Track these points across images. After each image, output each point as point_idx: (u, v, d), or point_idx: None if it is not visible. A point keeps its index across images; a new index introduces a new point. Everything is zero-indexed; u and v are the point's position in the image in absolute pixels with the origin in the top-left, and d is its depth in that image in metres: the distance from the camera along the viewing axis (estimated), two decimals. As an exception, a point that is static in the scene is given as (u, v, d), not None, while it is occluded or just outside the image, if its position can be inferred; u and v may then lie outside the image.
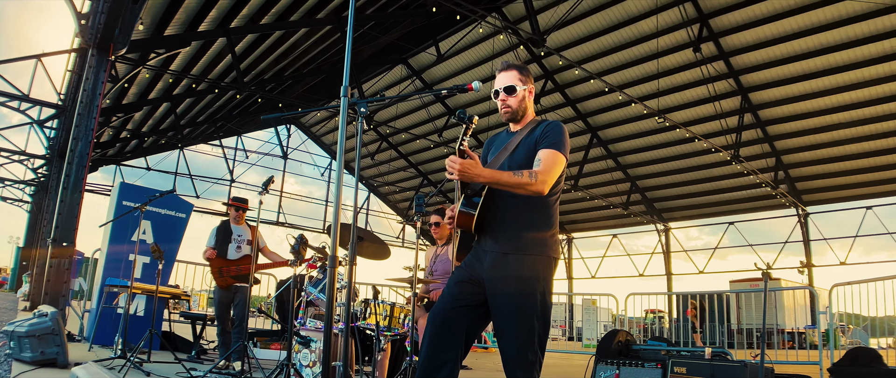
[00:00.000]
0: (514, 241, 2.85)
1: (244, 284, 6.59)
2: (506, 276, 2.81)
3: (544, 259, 2.85)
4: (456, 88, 3.02)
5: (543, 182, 2.77)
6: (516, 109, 3.06)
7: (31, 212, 29.00)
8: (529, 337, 2.76)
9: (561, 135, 2.91)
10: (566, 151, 2.90)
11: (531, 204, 2.88)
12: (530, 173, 2.74)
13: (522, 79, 3.06)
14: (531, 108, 3.12)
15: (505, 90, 3.07)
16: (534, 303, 2.78)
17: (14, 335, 5.11)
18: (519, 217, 2.89)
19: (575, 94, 20.67)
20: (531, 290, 2.79)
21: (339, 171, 2.43)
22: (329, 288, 2.65)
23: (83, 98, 8.07)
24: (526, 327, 2.76)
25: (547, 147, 2.87)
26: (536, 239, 2.86)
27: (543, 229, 2.89)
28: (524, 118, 3.10)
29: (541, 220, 2.89)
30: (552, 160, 2.83)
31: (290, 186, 29.33)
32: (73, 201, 7.81)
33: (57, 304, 7.43)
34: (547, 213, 2.92)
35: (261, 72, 18.24)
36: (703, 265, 24.84)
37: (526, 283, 2.79)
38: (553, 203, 2.95)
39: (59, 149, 16.99)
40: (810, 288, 12.27)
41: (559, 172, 2.87)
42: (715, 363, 4.24)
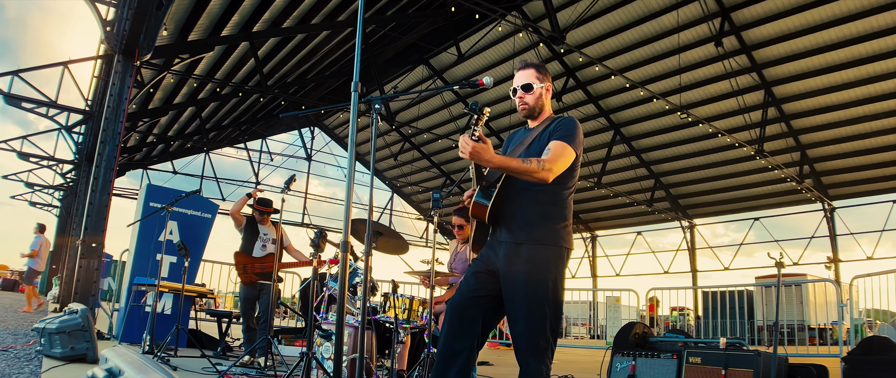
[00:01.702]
0: (527, 232, 2.94)
1: (268, 282, 6.71)
2: (518, 265, 2.89)
3: (556, 249, 2.92)
4: (467, 84, 3.11)
5: (549, 170, 2.84)
6: (533, 106, 3.17)
7: (61, 216, 29.62)
8: (541, 324, 2.83)
9: (572, 129, 3.00)
10: (576, 145, 2.97)
11: (545, 196, 2.96)
12: (538, 160, 2.83)
13: (539, 77, 3.15)
14: (548, 105, 3.22)
15: (522, 88, 3.16)
16: (545, 291, 2.86)
17: (45, 332, 5.26)
18: (532, 208, 2.97)
19: (597, 91, 20.60)
20: (542, 279, 2.86)
21: (351, 160, 2.50)
22: (341, 273, 2.73)
23: (110, 103, 8.26)
24: (538, 315, 2.84)
25: (557, 139, 2.95)
26: (549, 230, 2.94)
27: (556, 220, 2.97)
28: (541, 115, 3.20)
29: (554, 212, 2.97)
30: (559, 151, 2.91)
31: (313, 188, 29.63)
32: (102, 203, 8.01)
33: (86, 303, 7.62)
34: (560, 204, 3.00)
35: (284, 75, 18.47)
36: (729, 262, 24.57)
37: (538, 272, 2.87)
38: (566, 195, 3.03)
39: (87, 153, 17.34)
40: (831, 280, 12.09)
41: (566, 163, 2.93)
42: (729, 353, 4.26)
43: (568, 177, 3.01)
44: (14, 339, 6.76)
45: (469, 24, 17.99)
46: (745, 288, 13.74)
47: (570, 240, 3.03)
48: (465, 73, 21.94)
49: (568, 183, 3.03)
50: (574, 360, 11.78)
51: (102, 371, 1.88)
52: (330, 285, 5.24)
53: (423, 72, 22.25)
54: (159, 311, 7.27)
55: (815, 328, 17.06)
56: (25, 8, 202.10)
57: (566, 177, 3.00)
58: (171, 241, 7.77)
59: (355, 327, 4.58)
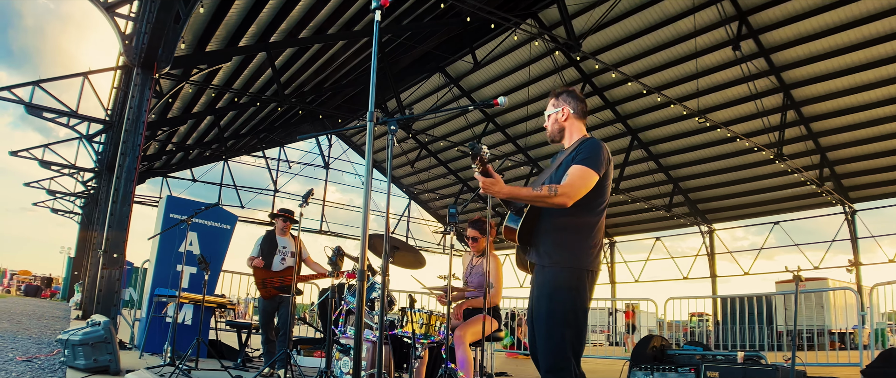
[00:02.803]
0: (550, 254, 3.03)
1: (287, 294, 6.75)
2: (541, 287, 3.02)
3: (577, 272, 2.98)
4: (483, 103, 3.14)
5: (564, 195, 2.91)
6: (552, 131, 3.35)
7: (82, 223, 30.02)
8: (560, 344, 2.91)
9: (592, 151, 3.05)
10: (597, 166, 3.00)
11: (569, 219, 3.02)
12: (550, 188, 2.91)
13: (554, 103, 3.33)
14: (573, 128, 3.31)
15: (546, 116, 3.38)
16: (563, 311, 2.93)
17: (68, 343, 5.34)
18: (555, 231, 3.05)
19: (614, 97, 20.53)
20: (561, 299, 2.94)
21: (367, 187, 2.52)
22: (358, 292, 2.76)
23: (130, 115, 8.38)
24: (557, 334, 2.92)
25: (578, 162, 3.03)
26: (572, 252, 3.00)
27: (580, 243, 3.02)
28: (568, 138, 3.31)
29: (578, 234, 3.03)
30: (577, 174, 2.97)
31: (331, 195, 29.76)
32: (123, 214, 8.12)
33: (108, 314, 7.72)
34: (586, 227, 3.05)
35: (301, 84, 18.60)
36: (748, 266, 24.33)
37: (557, 293, 2.95)
38: (593, 218, 3.08)
39: (108, 162, 17.58)
40: (850, 288, 11.94)
41: (584, 186, 2.97)
42: (747, 367, 4.22)
43: (593, 199, 3.05)
44: (38, 349, 6.86)
45: (484, 31, 18.01)
46: (764, 295, 13.58)
47: (594, 261, 3.06)
48: (481, 81, 21.98)
49: (593, 205, 3.07)
50: (592, 369, 11.70)
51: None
52: (348, 299, 5.27)
53: (440, 79, 22.32)
54: (180, 321, 7.35)
55: (836, 333, 16.83)
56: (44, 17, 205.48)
57: (591, 199, 3.03)
58: (192, 252, 7.86)
59: (373, 342, 4.61)
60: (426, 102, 23.75)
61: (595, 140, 3.13)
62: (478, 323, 5.06)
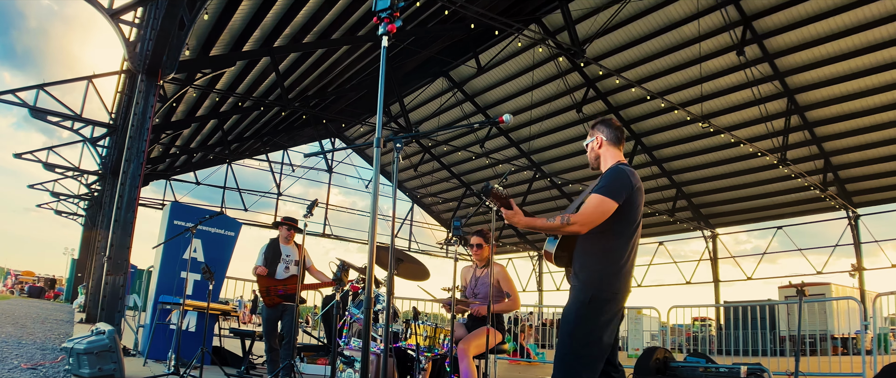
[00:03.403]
0: (577, 276, 3.18)
1: (291, 303, 6.75)
2: (566, 307, 3.18)
3: (597, 292, 3.08)
4: (488, 122, 3.17)
5: (576, 224, 3.03)
6: (591, 161, 3.48)
7: (85, 225, 30.07)
8: (564, 363, 3.01)
9: (609, 179, 3.16)
10: (613, 193, 3.08)
11: (594, 244, 3.15)
12: (562, 217, 3.03)
13: (590, 133, 3.47)
14: (609, 155, 3.40)
15: (585, 147, 3.52)
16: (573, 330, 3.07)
17: (73, 352, 5.36)
18: (582, 255, 3.21)
19: (617, 102, 20.52)
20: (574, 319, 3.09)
21: (373, 216, 2.53)
22: (365, 310, 2.77)
23: (134, 122, 8.39)
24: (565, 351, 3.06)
25: (594, 191, 3.13)
26: (595, 276, 3.12)
27: (604, 268, 3.12)
28: (604, 165, 3.39)
29: (602, 259, 3.13)
30: (592, 203, 3.08)
31: (334, 197, 29.78)
32: (127, 220, 8.14)
33: (113, 321, 7.73)
34: (611, 252, 3.14)
35: (304, 88, 18.63)
36: (752, 271, 24.30)
37: (574, 314, 3.11)
38: (618, 243, 3.15)
39: (112, 166, 17.61)
40: (853, 298, 11.94)
41: (598, 213, 3.05)
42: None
43: (614, 225, 3.11)
44: (42, 355, 6.87)
45: (488, 36, 18.03)
46: (767, 305, 13.55)
47: (616, 286, 3.12)
48: (485, 85, 21.98)
49: (616, 230, 3.13)
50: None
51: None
52: (352, 311, 5.27)
53: (443, 83, 22.32)
54: (184, 327, 7.34)
55: (838, 338, 16.79)
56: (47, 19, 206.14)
57: (612, 225, 3.11)
58: (196, 259, 7.87)
59: (377, 355, 4.61)
60: (430, 106, 23.76)
61: (618, 168, 3.22)
62: (482, 336, 5.05)
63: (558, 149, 23.96)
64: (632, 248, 3.20)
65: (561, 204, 27.06)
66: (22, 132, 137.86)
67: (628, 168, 3.24)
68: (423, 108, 24.10)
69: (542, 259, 32.71)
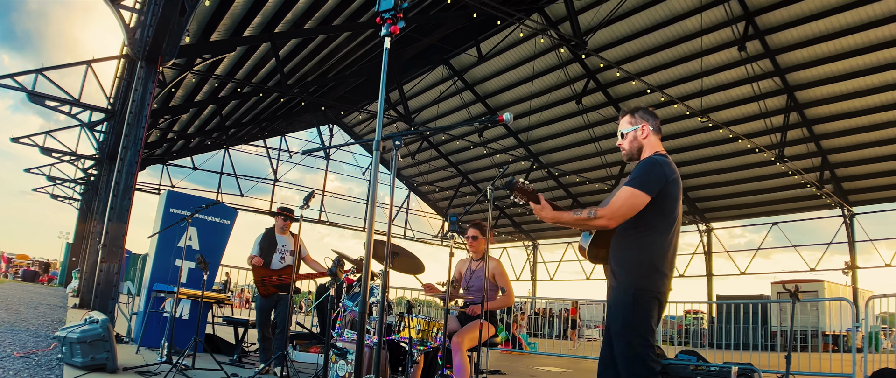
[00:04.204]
0: (615, 275, 3.06)
1: (286, 293, 6.75)
2: (611, 311, 3.07)
3: (639, 292, 2.96)
4: (488, 121, 3.11)
5: (604, 217, 2.93)
6: (629, 150, 3.25)
7: (81, 209, 30.03)
8: (632, 358, 2.91)
9: (642, 171, 3.02)
10: (645, 186, 2.94)
11: (629, 239, 3.03)
12: (589, 211, 2.96)
13: (632, 121, 3.24)
14: (650, 146, 3.21)
15: (620, 135, 3.30)
16: (631, 337, 2.93)
17: (66, 341, 5.34)
18: (619, 251, 3.08)
19: (617, 94, 20.48)
20: (628, 325, 2.95)
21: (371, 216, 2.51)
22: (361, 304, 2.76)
23: (132, 108, 8.35)
24: (631, 354, 2.92)
25: (626, 183, 2.99)
26: (634, 273, 2.99)
27: (641, 263, 2.99)
28: (643, 155, 3.22)
29: (639, 254, 3.00)
30: (622, 196, 2.96)
31: (330, 184, 29.74)
32: (123, 207, 8.12)
33: (106, 308, 7.73)
34: (647, 247, 3.00)
35: (304, 74, 18.54)
36: (745, 266, 24.38)
37: (624, 319, 2.96)
38: (654, 237, 3.01)
39: (109, 152, 17.55)
40: (847, 299, 12.00)
41: (629, 206, 2.93)
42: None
43: (651, 218, 2.99)
44: (35, 343, 6.87)
45: (490, 25, 17.95)
46: (759, 302, 13.61)
47: (657, 283, 2.99)
48: (485, 74, 21.92)
49: (653, 224, 3.00)
50: (588, 368, 11.75)
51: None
52: (345, 304, 5.27)
53: (444, 72, 22.25)
54: (177, 315, 7.34)
55: (830, 335, 16.87)
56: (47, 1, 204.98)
57: (650, 218, 2.98)
58: (191, 247, 7.85)
59: (370, 347, 4.61)
60: (430, 94, 23.68)
61: (652, 159, 3.07)
62: (475, 329, 5.06)
63: (557, 140, 23.94)
64: (671, 242, 3.04)
65: (557, 195, 27.06)
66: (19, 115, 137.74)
67: (665, 159, 3.08)
68: (422, 96, 24.04)
69: (536, 249, 32.97)
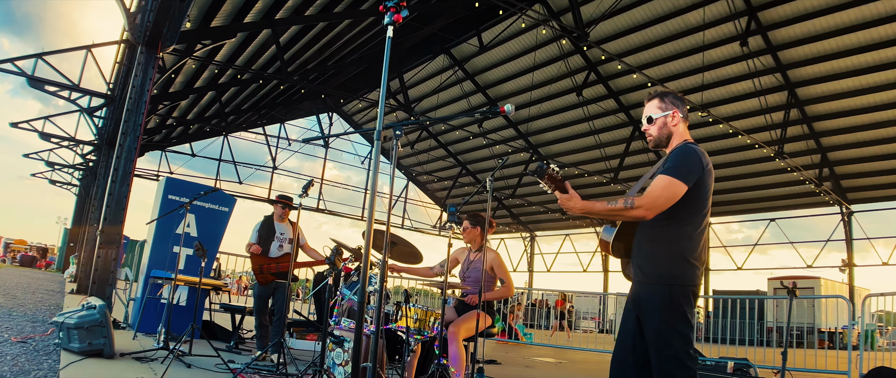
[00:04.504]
0: (644, 270, 2.92)
1: (284, 281, 6.76)
2: (645, 308, 2.89)
3: (674, 288, 2.83)
4: (489, 112, 3.10)
5: (642, 207, 2.77)
6: (657, 137, 3.08)
7: (79, 195, 30.00)
8: (669, 360, 2.78)
9: (679, 159, 2.87)
10: (683, 175, 2.80)
11: (660, 232, 2.89)
12: (626, 200, 2.79)
13: (662, 106, 3.07)
14: (679, 132, 3.07)
15: (646, 120, 3.11)
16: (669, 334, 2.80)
17: (64, 326, 5.35)
18: (649, 244, 2.93)
19: (618, 87, 20.46)
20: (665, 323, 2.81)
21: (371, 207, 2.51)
22: (361, 293, 2.76)
23: (132, 94, 8.32)
24: (667, 356, 2.78)
25: (662, 172, 2.85)
26: (666, 268, 2.86)
27: (674, 257, 2.86)
28: (672, 144, 3.06)
29: (671, 248, 2.87)
30: (659, 185, 2.81)
31: (329, 172, 29.68)
32: (121, 193, 8.09)
33: (104, 295, 7.73)
34: (679, 239, 2.87)
35: (304, 62, 18.48)
36: (742, 261, 24.44)
37: (661, 316, 2.82)
38: (687, 230, 2.89)
39: (108, 137, 17.50)
40: (842, 296, 12.04)
41: (667, 197, 2.79)
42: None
43: (682, 209, 2.85)
44: (32, 328, 6.87)
45: (492, 15, 17.89)
46: (756, 297, 13.64)
47: (690, 276, 2.85)
48: (486, 64, 21.86)
49: (684, 216, 2.87)
50: (582, 359, 11.80)
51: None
52: (343, 293, 5.28)
53: (444, 61, 22.18)
54: (175, 302, 7.35)
55: (825, 332, 16.94)
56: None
57: (680, 210, 2.84)
58: (189, 234, 7.85)
59: (367, 335, 4.61)
60: (430, 84, 23.63)
61: (688, 146, 2.93)
62: (472, 320, 5.07)
63: (556, 131, 23.93)
64: (702, 234, 2.91)
65: (556, 187, 27.04)
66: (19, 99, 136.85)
67: (699, 148, 2.92)
68: (422, 86, 23.98)
69: (533, 240, 33.03)
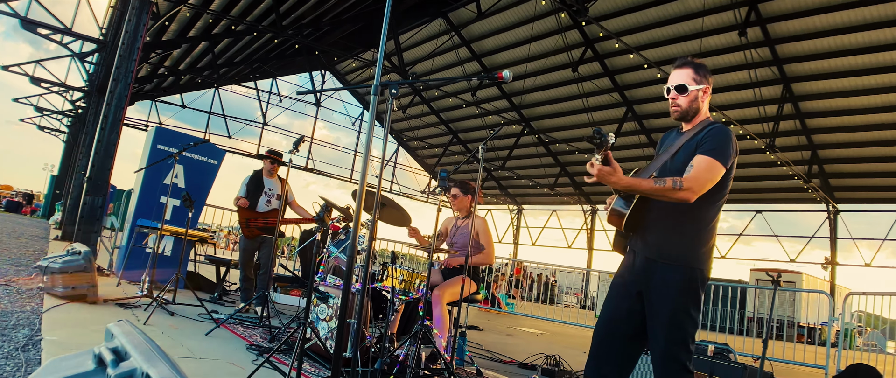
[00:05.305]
0: (660, 249, 2.82)
1: (270, 236, 6.78)
2: (655, 286, 2.81)
3: (690, 271, 2.77)
4: (487, 77, 3.07)
5: (689, 190, 2.65)
6: (686, 109, 2.93)
7: (67, 142, 29.69)
8: (678, 348, 2.75)
9: (723, 141, 2.76)
10: (726, 158, 2.73)
11: (682, 212, 2.78)
12: (674, 181, 2.66)
13: (697, 78, 2.91)
14: (705, 108, 2.97)
15: (676, 89, 2.94)
16: (680, 316, 2.74)
17: (48, 270, 5.35)
18: (667, 224, 2.83)
19: (613, 66, 20.39)
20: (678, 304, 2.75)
21: (364, 171, 2.51)
22: (350, 251, 2.77)
23: (125, 40, 8.21)
24: (676, 338, 2.74)
25: (703, 152, 2.74)
26: (685, 250, 2.79)
27: (694, 240, 2.80)
28: (696, 119, 2.95)
29: (693, 231, 2.80)
30: (704, 167, 2.70)
31: (318, 131, 29.51)
32: (110, 141, 8.03)
33: (89, 241, 7.71)
34: (702, 223, 2.82)
35: (300, 16, 18.21)
36: (726, 250, 24.70)
37: (674, 296, 2.76)
38: (711, 214, 2.84)
39: (99, 84, 17.29)
40: (825, 292, 12.21)
41: (711, 180, 2.71)
42: (715, 361, 4.28)
43: (715, 194, 2.79)
44: (16, 271, 6.85)
45: (492, -20, 17.68)
46: (739, 286, 13.82)
47: (707, 262, 2.82)
48: (483, 32, 21.68)
49: (714, 200, 2.81)
50: (563, 332, 11.96)
51: (109, 353, 1.93)
52: (330, 250, 5.31)
53: (441, 25, 21.94)
54: (160, 251, 7.34)
55: (805, 327, 17.24)
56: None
57: (713, 193, 2.77)
58: (177, 185, 7.83)
59: (352, 293, 4.65)
60: (425, 47, 23.35)
61: (723, 127, 2.81)
62: (457, 284, 5.13)
63: (550, 106, 23.87)
64: (718, 219, 2.86)
65: (546, 162, 27.12)
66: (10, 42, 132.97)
67: (730, 130, 2.82)
68: (417, 49, 23.71)
69: (520, 214, 33.20)
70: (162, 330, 4.72)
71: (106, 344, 2.05)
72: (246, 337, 5.17)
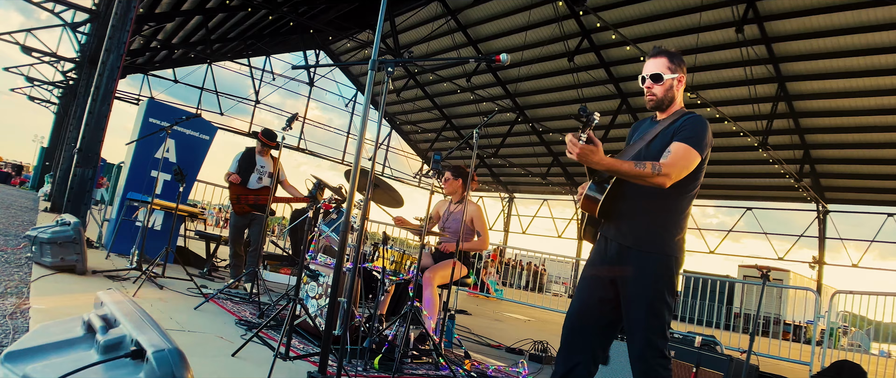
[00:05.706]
0: (635, 235, 2.84)
1: (261, 214, 6.76)
2: (630, 273, 2.82)
3: (665, 258, 2.80)
4: (484, 58, 3.05)
5: (666, 175, 2.68)
6: (661, 98, 2.96)
7: (58, 113, 29.40)
8: (656, 334, 2.77)
9: (699, 130, 2.79)
10: (701, 147, 2.77)
11: (657, 199, 2.82)
12: (653, 165, 2.68)
13: (671, 67, 2.94)
14: (680, 98, 3.00)
15: (651, 78, 2.96)
16: (657, 302, 2.77)
17: (36, 240, 5.31)
18: (645, 212, 2.85)
19: (609, 57, 20.36)
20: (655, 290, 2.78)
21: (359, 145, 2.49)
22: (343, 231, 2.77)
23: (118, 10, 8.11)
24: (655, 325, 2.76)
25: (680, 140, 2.77)
26: (659, 237, 2.82)
27: (668, 228, 2.83)
28: (670, 108, 2.98)
29: (667, 219, 2.84)
30: (680, 154, 2.73)
31: (311, 112, 29.34)
32: (101, 113, 7.95)
33: (79, 213, 7.65)
34: (676, 211, 2.86)
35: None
36: (715, 246, 24.85)
37: (649, 283, 2.79)
38: (685, 202, 2.89)
39: (91, 55, 17.11)
40: (811, 289, 12.32)
41: (687, 167, 2.75)
42: (702, 352, 4.30)
43: (689, 182, 2.84)
44: (4, 241, 6.81)
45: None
46: (727, 281, 13.93)
47: (681, 250, 2.86)
48: (480, 17, 21.58)
49: (688, 188, 2.86)
50: (550, 319, 12.01)
51: (98, 319, 1.92)
52: (322, 228, 5.30)
53: (438, 9, 21.81)
54: (150, 226, 7.31)
55: (791, 324, 17.39)
56: None
57: (687, 182, 2.81)
58: (168, 159, 7.78)
59: (343, 272, 4.64)
60: (421, 31, 23.19)
61: (700, 117, 2.85)
62: (448, 267, 5.14)
63: (544, 95, 23.83)
64: (690, 211, 2.91)
65: (539, 151, 27.10)
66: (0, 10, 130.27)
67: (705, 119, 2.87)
68: (413, 32, 23.55)
69: (512, 202, 33.24)
70: (150, 303, 4.70)
71: (95, 311, 2.04)
72: (235, 312, 5.17)
